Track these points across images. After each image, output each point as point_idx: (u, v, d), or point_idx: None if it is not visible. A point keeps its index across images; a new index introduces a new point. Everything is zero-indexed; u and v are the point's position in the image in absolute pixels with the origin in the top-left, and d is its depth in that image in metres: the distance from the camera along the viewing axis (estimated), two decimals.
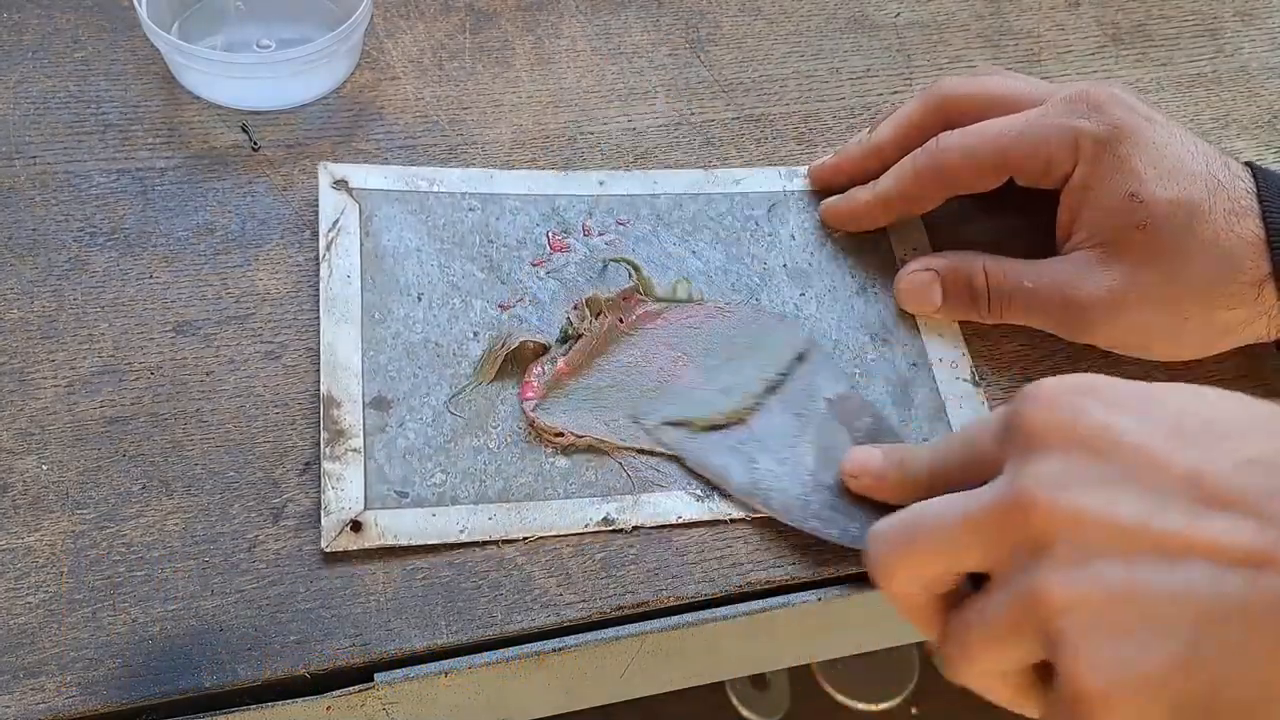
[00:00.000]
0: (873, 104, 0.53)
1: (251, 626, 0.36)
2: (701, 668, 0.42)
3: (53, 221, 0.45)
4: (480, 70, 0.52)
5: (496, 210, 0.46)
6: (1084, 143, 0.41)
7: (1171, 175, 0.41)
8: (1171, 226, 0.40)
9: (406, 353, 0.42)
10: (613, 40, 0.54)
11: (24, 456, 0.39)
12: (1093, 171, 0.42)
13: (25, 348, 0.41)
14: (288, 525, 0.38)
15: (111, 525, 0.38)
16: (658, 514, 0.39)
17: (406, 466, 0.39)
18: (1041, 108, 0.43)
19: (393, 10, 0.54)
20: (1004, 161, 0.43)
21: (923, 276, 0.45)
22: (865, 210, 0.46)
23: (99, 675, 0.35)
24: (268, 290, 0.44)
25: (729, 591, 0.39)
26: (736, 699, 0.90)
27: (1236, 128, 0.54)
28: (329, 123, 0.49)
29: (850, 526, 0.38)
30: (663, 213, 0.47)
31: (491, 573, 0.38)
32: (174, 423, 0.40)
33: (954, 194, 0.45)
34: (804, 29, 0.56)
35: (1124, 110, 0.42)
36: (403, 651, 0.36)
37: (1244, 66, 0.57)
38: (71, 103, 0.48)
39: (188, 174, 0.47)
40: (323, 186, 0.46)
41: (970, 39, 0.57)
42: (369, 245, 0.44)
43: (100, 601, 0.36)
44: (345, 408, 0.40)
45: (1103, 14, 0.59)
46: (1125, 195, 0.41)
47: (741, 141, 0.51)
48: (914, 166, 0.44)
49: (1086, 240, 0.42)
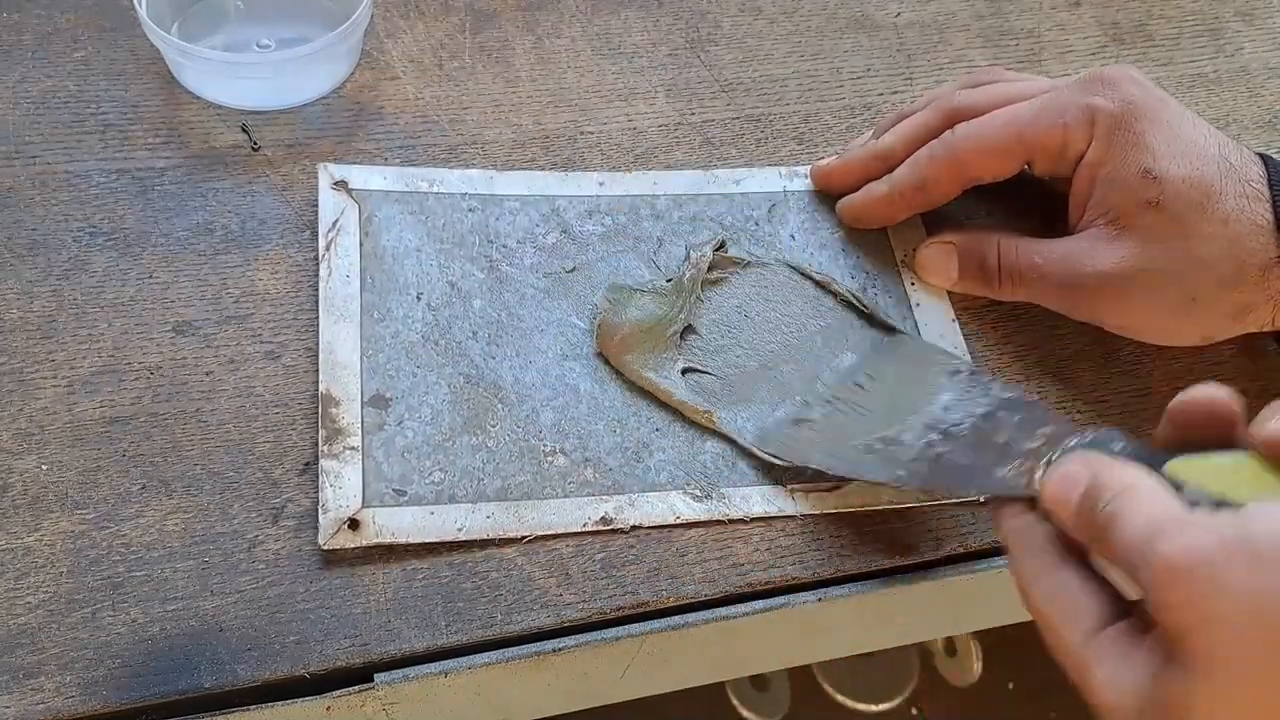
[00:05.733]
0: (873, 104, 0.53)
1: (251, 627, 0.36)
2: (701, 668, 0.42)
3: (53, 221, 0.45)
4: (480, 70, 0.52)
5: (496, 211, 0.46)
6: (1099, 119, 0.42)
7: (1185, 154, 0.41)
8: (1184, 205, 0.40)
9: (405, 351, 0.42)
10: (613, 40, 0.54)
11: (24, 456, 0.39)
12: (1107, 148, 0.42)
13: (25, 348, 0.41)
14: (287, 525, 0.38)
15: (111, 525, 0.38)
16: (656, 514, 0.39)
17: (405, 465, 0.39)
18: (1054, 91, 0.43)
19: (393, 10, 0.54)
20: (1021, 144, 0.43)
21: (941, 249, 0.46)
22: (882, 204, 0.46)
23: (99, 675, 0.35)
24: (267, 290, 0.44)
25: (729, 591, 0.39)
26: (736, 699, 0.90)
27: (1237, 128, 0.54)
28: (329, 123, 0.49)
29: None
30: (663, 213, 0.47)
31: (491, 573, 0.38)
32: (174, 423, 0.40)
33: (971, 183, 0.45)
34: (804, 29, 0.56)
35: (1138, 88, 0.42)
36: (403, 652, 0.36)
37: (1244, 66, 0.57)
38: (71, 103, 0.48)
39: (187, 174, 0.47)
40: (322, 187, 0.46)
41: (970, 39, 0.57)
42: (369, 245, 0.44)
43: (100, 602, 0.36)
44: (344, 406, 0.40)
45: (1103, 14, 0.59)
46: (1139, 171, 0.41)
47: (741, 141, 0.51)
48: (930, 156, 0.44)
49: (1099, 217, 0.42)
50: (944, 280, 0.46)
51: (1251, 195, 0.41)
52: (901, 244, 0.47)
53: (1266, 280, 0.41)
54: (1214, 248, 0.40)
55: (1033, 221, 0.46)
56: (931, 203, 0.46)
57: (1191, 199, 0.40)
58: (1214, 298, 0.41)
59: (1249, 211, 0.40)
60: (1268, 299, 0.41)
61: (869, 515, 0.40)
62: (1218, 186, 0.41)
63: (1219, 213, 0.40)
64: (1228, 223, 0.40)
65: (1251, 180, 0.41)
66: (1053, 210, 0.45)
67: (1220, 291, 0.41)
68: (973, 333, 0.45)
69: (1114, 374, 0.45)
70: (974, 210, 0.48)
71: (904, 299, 0.46)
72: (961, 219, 0.48)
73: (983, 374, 0.40)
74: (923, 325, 0.45)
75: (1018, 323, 0.46)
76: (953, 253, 0.45)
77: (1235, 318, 0.42)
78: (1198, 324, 0.42)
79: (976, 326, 0.46)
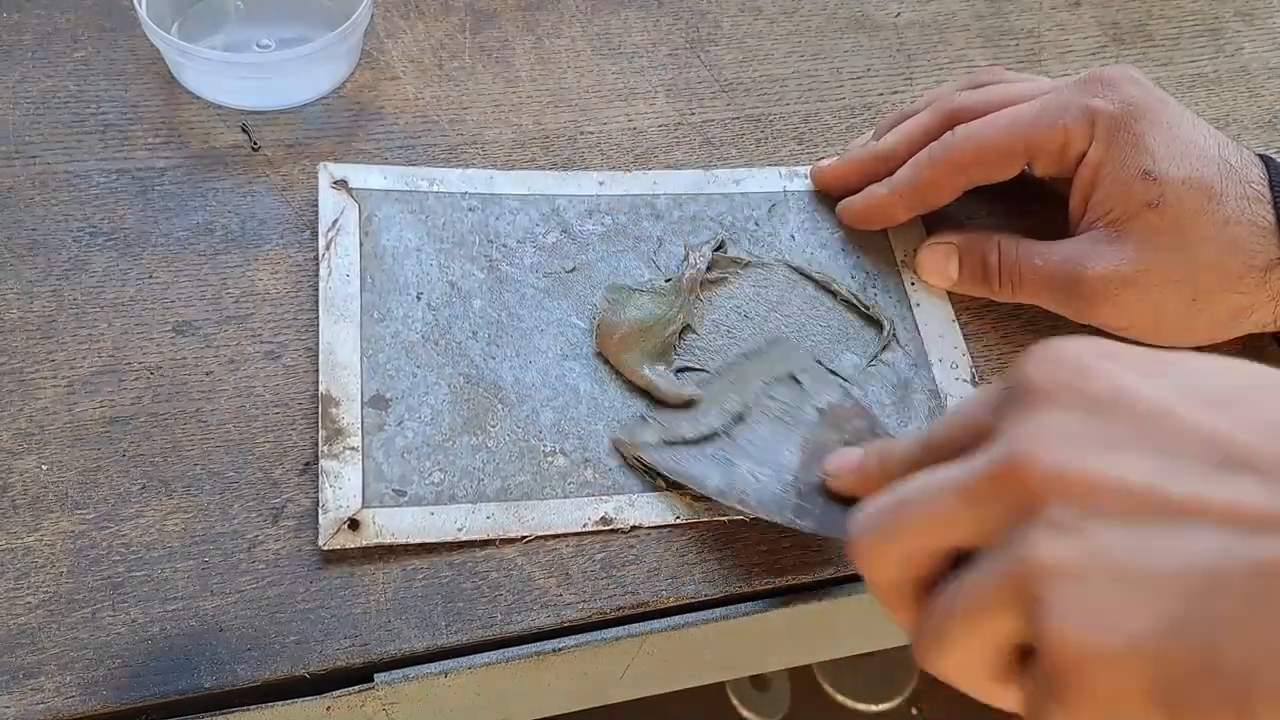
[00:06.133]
0: (873, 104, 0.53)
1: (251, 627, 0.36)
2: (701, 668, 0.42)
3: (53, 221, 0.45)
4: (480, 70, 0.52)
5: (496, 210, 0.46)
6: (1099, 120, 0.42)
7: (1185, 155, 0.41)
8: (1184, 206, 0.40)
9: (405, 351, 0.42)
10: (613, 40, 0.54)
11: (24, 456, 0.39)
12: (1107, 149, 0.42)
13: (25, 348, 0.41)
14: (287, 525, 0.38)
15: (111, 525, 0.38)
16: (656, 513, 0.39)
17: (405, 465, 0.39)
18: (1054, 91, 0.43)
19: (393, 10, 0.54)
20: (1021, 145, 0.43)
21: (941, 249, 0.46)
22: (883, 205, 0.46)
23: (99, 675, 0.35)
24: (267, 290, 0.44)
25: (729, 592, 0.39)
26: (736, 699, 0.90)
27: (1237, 128, 0.54)
28: (329, 123, 0.49)
29: (831, 516, 0.37)
30: (663, 212, 0.47)
31: (491, 573, 0.38)
32: (174, 423, 0.40)
33: (971, 184, 0.45)
34: (804, 29, 0.56)
35: (1139, 89, 0.42)
36: (403, 652, 0.36)
37: (1244, 66, 0.57)
38: (71, 103, 0.48)
39: (187, 174, 0.47)
40: (322, 187, 0.46)
41: (970, 39, 0.57)
42: (368, 245, 0.44)
43: (100, 602, 0.36)
44: (344, 406, 0.40)
45: (1103, 14, 0.59)
46: (1139, 173, 0.41)
47: (741, 141, 0.51)
48: (931, 158, 0.44)
49: (1099, 219, 0.42)
50: (944, 280, 0.46)
51: (1252, 196, 0.41)
52: (901, 244, 0.47)
53: (1267, 281, 0.41)
54: (1214, 249, 0.40)
55: (1033, 222, 0.46)
56: (932, 204, 0.46)
57: (1192, 200, 0.40)
58: (1215, 299, 0.41)
59: (1249, 212, 0.40)
60: (1268, 299, 0.41)
61: None
62: (1218, 188, 0.41)
63: (1219, 214, 0.40)
64: (1228, 224, 0.40)
65: (1252, 181, 0.41)
66: (1053, 211, 0.45)
67: (1221, 292, 0.41)
68: (973, 333, 0.45)
69: None
70: (974, 210, 0.48)
71: (904, 299, 0.46)
72: (961, 219, 0.48)
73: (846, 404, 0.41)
74: (923, 325, 0.45)
75: (1018, 323, 0.46)
76: (953, 253, 0.45)
77: (1236, 318, 0.42)
78: (1198, 325, 0.42)
79: (976, 326, 0.46)
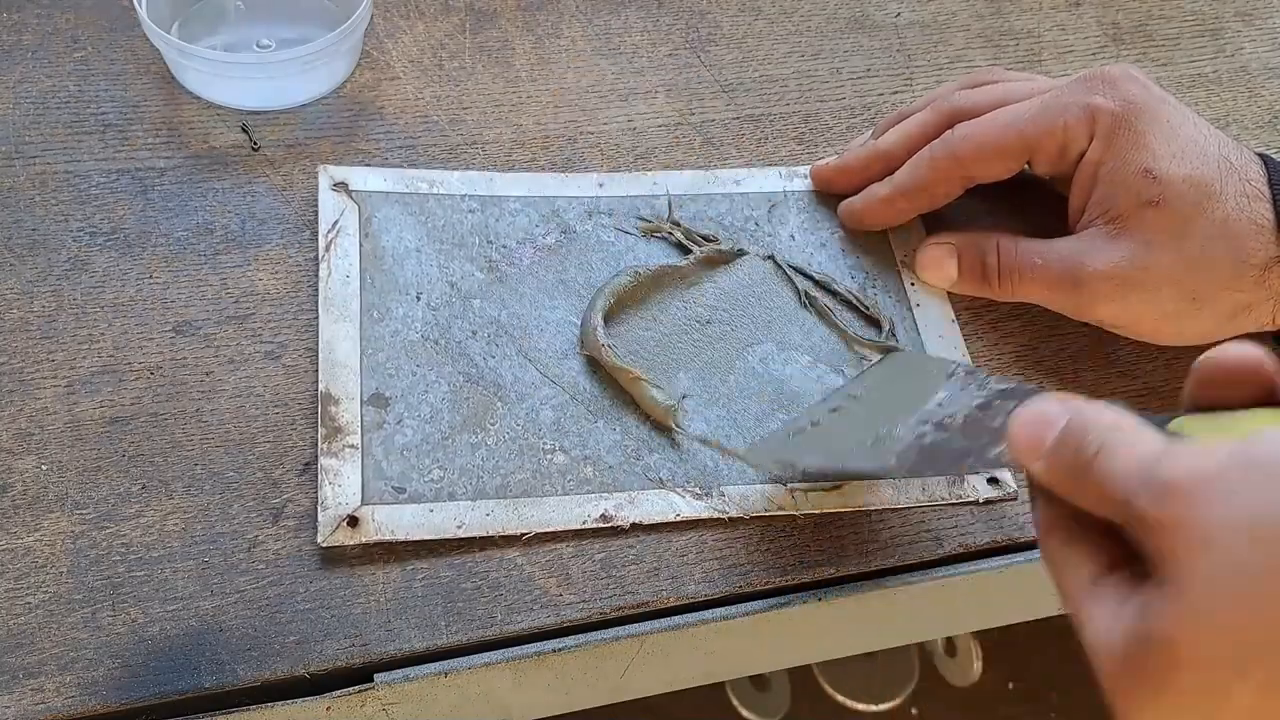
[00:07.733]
0: (873, 104, 0.53)
1: (251, 627, 0.36)
2: (702, 668, 0.42)
3: (53, 221, 0.45)
4: (480, 70, 0.52)
5: (496, 211, 0.46)
6: (1100, 118, 0.42)
7: (1185, 154, 0.41)
8: (1184, 204, 0.41)
9: (405, 351, 0.42)
10: (613, 40, 0.54)
11: (24, 456, 0.39)
12: (1108, 147, 0.42)
13: (25, 348, 0.41)
14: (287, 525, 0.38)
15: (111, 525, 0.38)
16: (656, 511, 0.39)
17: (404, 463, 0.39)
18: (1054, 90, 0.43)
19: (393, 10, 0.54)
20: (1022, 143, 0.43)
21: (940, 249, 0.46)
22: (883, 205, 0.46)
23: (98, 676, 0.35)
24: (267, 290, 0.44)
25: (729, 592, 0.38)
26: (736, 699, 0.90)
27: (1237, 128, 0.54)
28: (329, 123, 0.49)
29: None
30: (663, 213, 0.47)
31: (491, 573, 0.38)
32: (174, 423, 0.40)
33: (971, 183, 0.45)
34: (804, 29, 0.56)
35: (1139, 88, 0.42)
36: (402, 652, 0.36)
37: (1244, 66, 0.57)
38: (71, 103, 0.48)
39: (187, 174, 0.47)
40: (322, 188, 0.46)
41: (970, 39, 0.57)
42: (368, 246, 0.44)
43: (100, 602, 0.36)
44: (343, 404, 0.40)
45: (1103, 14, 0.59)
46: (1139, 171, 0.41)
47: (741, 141, 0.51)
48: (931, 156, 0.45)
49: (1099, 217, 0.42)
50: (944, 280, 0.46)
51: (1252, 195, 0.41)
52: (901, 244, 0.47)
53: (1267, 279, 0.41)
54: (1214, 247, 0.40)
55: (1033, 221, 0.46)
56: (932, 204, 0.46)
57: (1192, 199, 0.40)
58: (1214, 297, 0.41)
59: (1249, 211, 0.40)
60: (1268, 298, 0.41)
61: (869, 515, 0.40)
62: (1218, 186, 0.41)
63: (1219, 212, 0.40)
64: (1228, 222, 0.40)
65: (1252, 180, 0.41)
66: (1053, 210, 0.45)
67: (1220, 291, 0.41)
68: (973, 333, 0.45)
69: (1114, 374, 0.45)
70: (974, 210, 0.48)
71: (904, 299, 0.46)
72: (961, 219, 0.48)
73: (980, 372, 0.40)
74: (923, 325, 0.45)
75: (1018, 323, 0.46)
76: (953, 253, 0.45)
77: (1235, 317, 0.42)
78: (1198, 323, 0.42)
79: (976, 326, 0.46)
